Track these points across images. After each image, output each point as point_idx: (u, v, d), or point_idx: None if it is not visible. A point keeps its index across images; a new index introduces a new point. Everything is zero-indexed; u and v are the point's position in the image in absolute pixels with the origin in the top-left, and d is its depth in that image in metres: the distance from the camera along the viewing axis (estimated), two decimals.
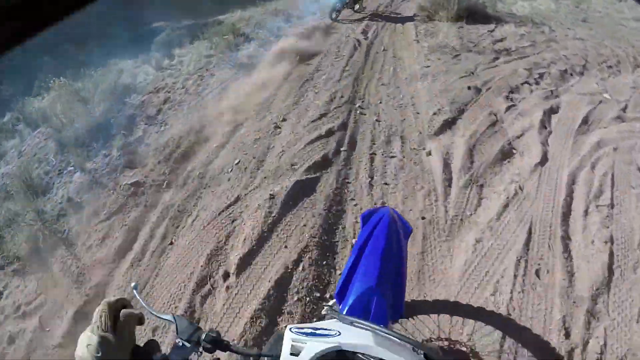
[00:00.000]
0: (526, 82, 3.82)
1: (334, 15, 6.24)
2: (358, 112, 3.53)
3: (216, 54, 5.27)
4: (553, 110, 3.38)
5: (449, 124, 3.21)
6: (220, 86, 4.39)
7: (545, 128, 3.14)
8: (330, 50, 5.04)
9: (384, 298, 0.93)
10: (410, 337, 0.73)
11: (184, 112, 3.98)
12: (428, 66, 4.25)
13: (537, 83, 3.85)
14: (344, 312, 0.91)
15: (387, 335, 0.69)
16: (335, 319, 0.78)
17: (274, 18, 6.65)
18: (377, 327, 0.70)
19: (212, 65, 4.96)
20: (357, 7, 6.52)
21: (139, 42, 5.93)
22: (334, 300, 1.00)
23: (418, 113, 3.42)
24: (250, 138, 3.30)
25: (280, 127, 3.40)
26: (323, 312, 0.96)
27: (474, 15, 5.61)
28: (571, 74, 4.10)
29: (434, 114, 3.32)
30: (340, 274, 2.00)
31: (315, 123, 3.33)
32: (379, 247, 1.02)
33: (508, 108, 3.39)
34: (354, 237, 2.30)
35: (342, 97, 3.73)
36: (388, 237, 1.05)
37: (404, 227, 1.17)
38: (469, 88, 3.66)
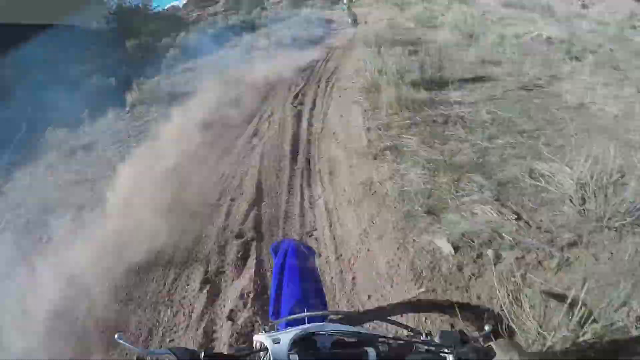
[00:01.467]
0: None
1: (351, 23, 11.01)
2: None
3: None
4: None
5: None
6: None
7: None
8: None
9: (314, 308, 1.03)
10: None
11: None
12: None
13: None
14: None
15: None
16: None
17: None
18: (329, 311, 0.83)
19: None
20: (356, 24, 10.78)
21: None
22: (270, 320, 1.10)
23: None
24: None
25: None
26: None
27: None
28: None
29: None
30: None
31: None
32: (295, 272, 1.18)
33: None
34: None
35: None
36: (299, 263, 1.23)
37: (309, 251, 1.38)
38: None
